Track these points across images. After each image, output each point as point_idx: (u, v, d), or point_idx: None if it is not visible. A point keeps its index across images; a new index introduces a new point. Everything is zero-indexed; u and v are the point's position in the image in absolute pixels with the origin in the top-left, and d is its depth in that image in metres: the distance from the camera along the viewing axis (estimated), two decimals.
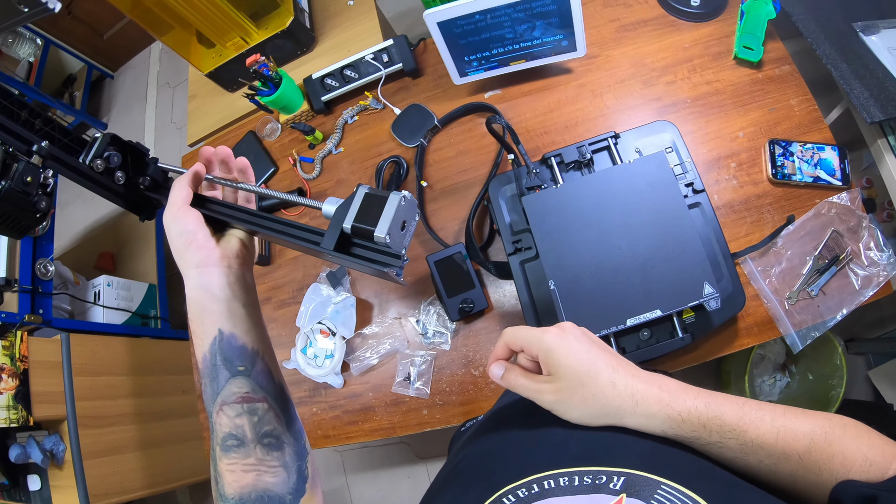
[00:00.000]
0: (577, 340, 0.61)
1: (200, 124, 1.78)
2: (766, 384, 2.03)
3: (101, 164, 0.70)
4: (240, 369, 0.65)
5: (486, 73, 1.40)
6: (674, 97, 1.35)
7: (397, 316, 1.41)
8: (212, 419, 0.65)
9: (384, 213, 0.59)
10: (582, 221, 1.12)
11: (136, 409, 2.35)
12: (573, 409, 0.60)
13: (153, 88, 4.05)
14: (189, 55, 1.76)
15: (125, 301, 2.68)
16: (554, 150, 1.23)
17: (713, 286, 1.04)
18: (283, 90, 1.49)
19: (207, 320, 0.67)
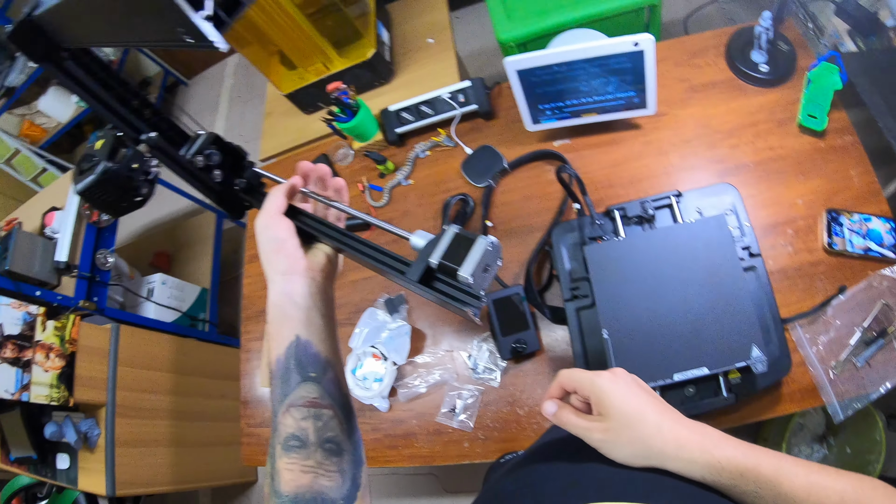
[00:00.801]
0: (627, 386, 0.66)
1: (274, 141, 1.90)
2: (804, 454, 2.02)
3: (201, 160, 0.76)
4: (311, 375, 0.68)
5: (558, 123, 1.47)
6: (737, 160, 1.40)
7: (450, 348, 1.47)
8: (276, 418, 0.66)
9: (470, 255, 0.61)
10: (639, 275, 1.17)
11: (174, 407, 2.43)
12: (619, 448, 0.65)
13: (225, 100, 4.21)
14: (269, 73, 1.88)
15: (177, 301, 2.77)
16: (618, 204, 1.29)
17: (761, 349, 1.08)
18: (360, 118, 1.59)
19: (286, 325, 0.70)
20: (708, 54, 1.56)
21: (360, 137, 1.66)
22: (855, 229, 1.28)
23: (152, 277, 2.74)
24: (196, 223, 3.20)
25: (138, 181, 0.75)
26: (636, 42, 1.24)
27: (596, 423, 0.67)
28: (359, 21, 1.79)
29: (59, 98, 4.06)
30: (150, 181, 0.78)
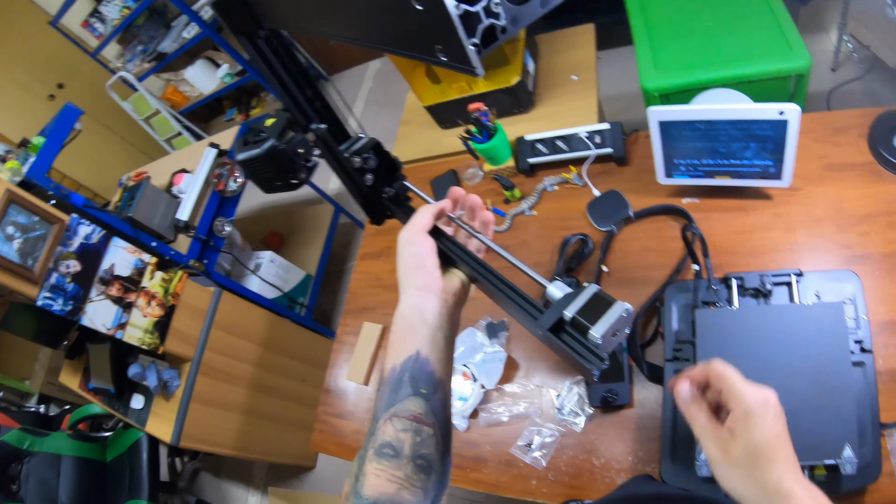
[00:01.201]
0: (773, 420, 0.65)
1: (406, 149, 1.98)
2: None
3: (358, 161, 0.82)
4: (422, 391, 0.69)
5: (690, 181, 1.46)
6: (864, 248, 1.33)
7: (540, 384, 1.47)
8: (376, 423, 0.68)
9: (606, 317, 0.63)
10: (745, 349, 1.15)
11: (254, 378, 2.54)
12: (730, 477, 0.66)
13: (361, 101, 4.39)
14: (413, 83, 1.97)
15: (280, 280, 2.91)
16: (737, 272, 1.27)
17: (854, 450, 1.03)
18: (496, 142, 1.63)
19: (410, 338, 0.72)
20: (850, 133, 1.50)
21: (492, 161, 1.71)
22: None
23: (262, 253, 2.89)
24: (314, 212, 3.35)
25: (298, 165, 0.80)
26: (782, 111, 1.22)
27: (722, 436, 0.68)
28: (508, 47, 1.85)
29: (205, 71, 4.37)
30: (308, 168, 0.82)
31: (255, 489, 3.15)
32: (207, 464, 3.33)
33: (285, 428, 2.70)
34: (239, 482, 3.23)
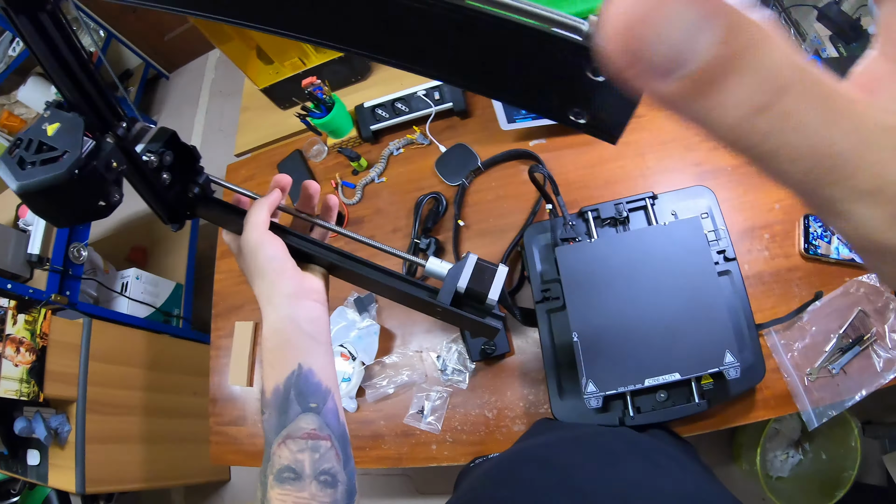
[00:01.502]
0: None
1: (249, 136, 1.84)
2: (779, 459, 2.01)
3: (154, 159, 0.65)
4: (311, 406, 0.64)
5: (533, 122, 1.44)
6: (715, 163, 1.37)
7: (418, 349, 1.43)
8: (270, 449, 0.63)
9: (495, 281, 0.66)
10: (612, 277, 1.14)
11: (146, 403, 2.38)
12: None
13: (206, 94, 4.12)
14: (247, 68, 1.83)
15: (151, 296, 2.72)
16: (592, 205, 1.25)
17: (734, 355, 1.04)
18: (334, 114, 1.54)
19: (290, 353, 0.66)
20: None
21: (335, 134, 1.62)
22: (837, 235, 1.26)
23: (126, 272, 2.69)
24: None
25: (110, 183, 0.60)
26: None
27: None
28: None
29: (38, 89, 3.97)
30: (118, 184, 0.62)
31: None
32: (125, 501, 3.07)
33: (190, 446, 2.55)
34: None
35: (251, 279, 0.70)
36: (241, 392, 1.59)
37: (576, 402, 1.15)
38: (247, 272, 0.71)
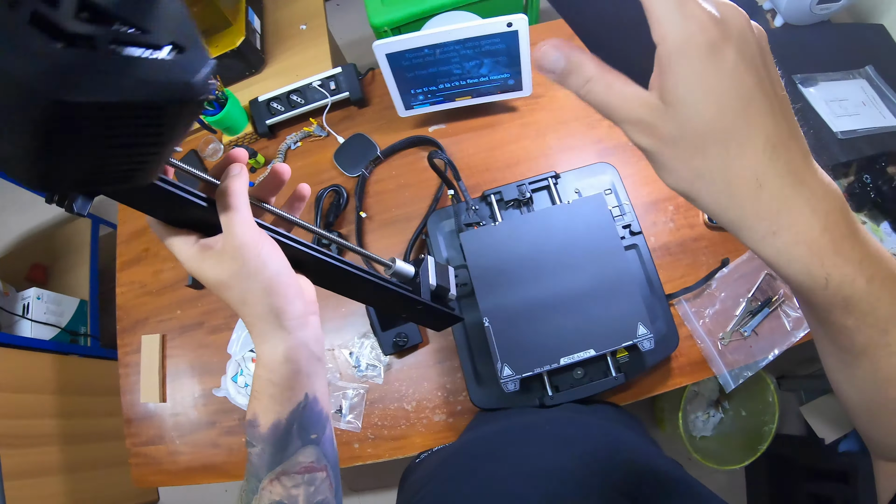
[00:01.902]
0: (740, 59, 0.31)
1: None
2: (700, 420, 2.02)
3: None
4: (312, 438, 0.56)
5: (431, 108, 1.37)
6: (616, 140, 1.35)
7: (330, 347, 1.35)
8: (259, 482, 0.54)
9: (451, 277, 0.75)
10: (519, 259, 1.10)
11: (62, 431, 2.19)
12: (671, 173, 0.36)
13: None
14: None
15: (55, 316, 2.50)
16: (494, 188, 1.21)
17: (647, 327, 1.03)
18: (227, 111, 1.43)
19: (299, 384, 0.55)
20: None
21: (230, 131, 1.50)
22: None
23: (27, 293, 2.44)
24: (70, 230, 2.86)
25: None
26: (509, 23, 1.16)
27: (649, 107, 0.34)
28: (228, 9, 1.62)
29: None
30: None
31: None
32: None
33: (113, 470, 2.36)
34: None
35: (242, 297, 0.52)
36: (155, 409, 1.46)
37: (493, 388, 1.11)
38: (233, 289, 0.51)
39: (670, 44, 0.31)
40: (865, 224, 1.37)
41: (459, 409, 1.24)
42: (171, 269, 1.51)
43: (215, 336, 1.44)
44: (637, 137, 0.36)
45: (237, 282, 0.50)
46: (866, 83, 1.47)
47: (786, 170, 0.33)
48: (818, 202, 0.34)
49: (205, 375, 1.42)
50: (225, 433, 1.37)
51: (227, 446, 1.36)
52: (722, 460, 1.86)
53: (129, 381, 1.51)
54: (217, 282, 0.50)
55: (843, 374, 0.45)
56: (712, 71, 0.31)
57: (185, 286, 1.45)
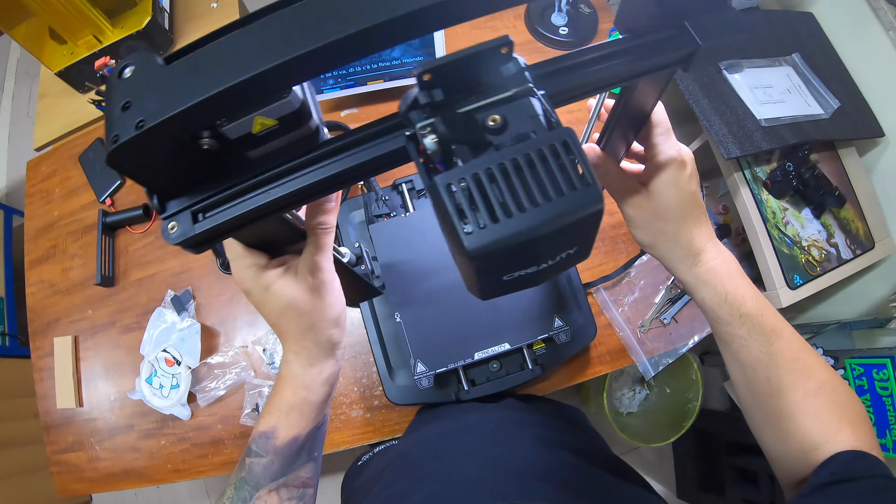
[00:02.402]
0: (691, 179, 0.56)
1: (49, 127, 1.54)
2: (626, 397, 1.99)
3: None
4: (315, 455, 0.59)
5: (342, 92, 1.26)
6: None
7: (243, 344, 1.25)
8: (255, 491, 0.55)
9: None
10: (431, 251, 1.02)
11: None
12: (644, 233, 0.60)
13: (11, 77, 3.44)
14: (41, 51, 1.52)
15: None
16: (405, 177, 1.11)
17: (563, 319, 0.97)
18: None
19: (326, 406, 0.59)
20: (506, 16, 1.42)
21: None
22: None
23: None
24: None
25: None
26: None
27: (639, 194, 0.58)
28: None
29: None
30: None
31: None
32: None
33: (41, 474, 2.16)
34: None
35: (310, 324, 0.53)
36: (72, 414, 1.34)
37: (408, 383, 1.03)
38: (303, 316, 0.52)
39: (662, 158, 0.54)
40: (787, 210, 1.33)
41: (377, 403, 1.17)
42: (79, 266, 1.38)
43: (128, 336, 1.32)
44: (627, 209, 0.60)
45: (310, 310, 0.52)
46: (792, 70, 1.43)
47: (707, 234, 0.58)
48: (720, 252, 0.58)
49: (119, 377, 1.32)
50: (143, 436, 1.27)
51: (146, 450, 1.26)
52: (648, 438, 1.83)
53: (44, 386, 1.39)
54: (289, 302, 0.51)
55: (744, 388, 0.59)
56: (679, 178, 0.55)
57: (95, 284, 1.32)
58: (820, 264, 1.32)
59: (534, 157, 0.32)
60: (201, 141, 0.37)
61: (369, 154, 0.38)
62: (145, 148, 0.32)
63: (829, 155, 1.43)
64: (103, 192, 1.38)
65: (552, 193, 0.31)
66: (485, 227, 0.31)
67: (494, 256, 0.32)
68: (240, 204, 0.38)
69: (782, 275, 1.28)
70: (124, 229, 1.38)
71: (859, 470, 0.50)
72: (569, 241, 0.35)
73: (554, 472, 0.58)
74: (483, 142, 0.34)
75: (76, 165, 1.44)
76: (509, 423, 0.81)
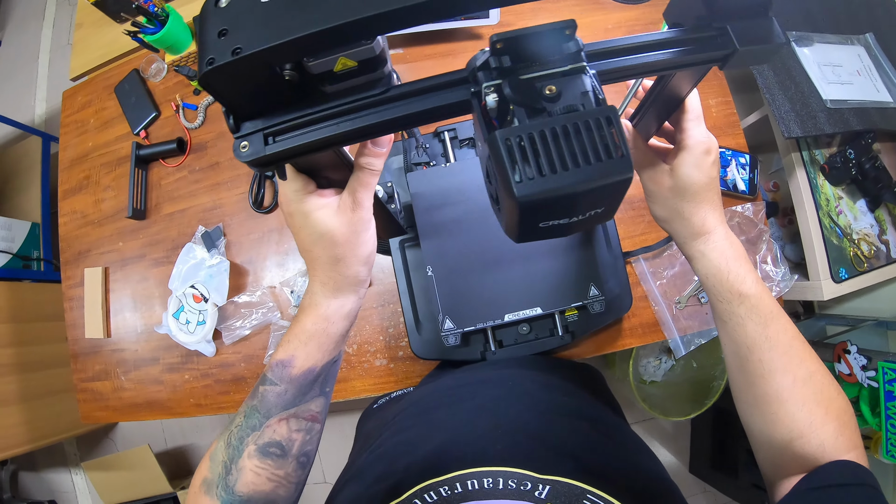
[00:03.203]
0: (713, 165, 0.59)
1: (85, 57, 1.50)
2: (652, 365, 1.94)
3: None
4: (326, 390, 0.61)
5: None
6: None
7: (271, 285, 1.23)
8: (265, 419, 0.56)
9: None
10: (469, 205, 0.96)
11: (15, 360, 2.07)
12: (661, 209, 0.63)
13: (52, 4, 3.38)
14: None
15: (6, 242, 2.31)
16: (448, 124, 1.06)
17: (599, 289, 0.92)
18: (168, 28, 1.25)
19: (344, 340, 0.61)
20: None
21: (173, 49, 1.32)
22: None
23: None
24: (20, 150, 2.62)
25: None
26: None
27: (663, 172, 0.61)
28: None
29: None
30: None
31: (75, 467, 2.72)
32: (21, 463, 2.79)
33: (70, 395, 2.26)
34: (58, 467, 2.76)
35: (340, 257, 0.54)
36: (100, 343, 1.35)
37: (435, 338, 0.99)
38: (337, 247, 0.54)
39: (691, 141, 0.57)
40: (842, 200, 1.25)
41: (401, 354, 1.14)
42: (112, 198, 1.37)
43: (157, 270, 1.31)
44: (648, 184, 0.63)
45: (344, 242, 0.53)
46: (864, 51, 1.33)
47: (719, 218, 0.61)
48: (729, 236, 0.61)
49: (147, 311, 1.32)
50: (167, 370, 1.28)
51: (170, 383, 1.27)
52: (668, 410, 1.79)
53: (74, 315, 1.40)
54: (326, 231, 0.52)
55: (736, 369, 0.61)
56: (703, 162, 0.58)
57: (126, 217, 1.30)
58: (868, 260, 1.26)
59: (580, 126, 0.37)
60: (285, 72, 0.40)
61: (433, 102, 0.42)
62: (236, 73, 0.36)
63: (892, 146, 1.34)
64: (138, 125, 1.35)
65: (592, 158, 0.37)
66: (532, 178, 0.37)
67: (537, 204, 0.38)
68: (310, 132, 0.42)
69: (828, 266, 1.22)
70: (157, 162, 1.35)
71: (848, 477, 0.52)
72: (599, 201, 0.41)
73: (566, 443, 0.56)
74: (538, 107, 0.39)
75: (111, 96, 1.41)
76: (527, 382, 0.78)
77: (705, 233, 0.60)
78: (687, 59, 0.46)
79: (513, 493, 0.47)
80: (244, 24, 0.35)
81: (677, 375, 1.95)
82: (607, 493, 0.47)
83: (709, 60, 0.47)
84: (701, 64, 0.47)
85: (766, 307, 0.58)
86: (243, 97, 0.40)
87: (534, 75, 0.39)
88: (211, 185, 1.30)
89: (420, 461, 0.55)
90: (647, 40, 0.45)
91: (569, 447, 0.55)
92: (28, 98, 3.11)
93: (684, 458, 2.17)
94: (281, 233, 1.24)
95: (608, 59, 0.45)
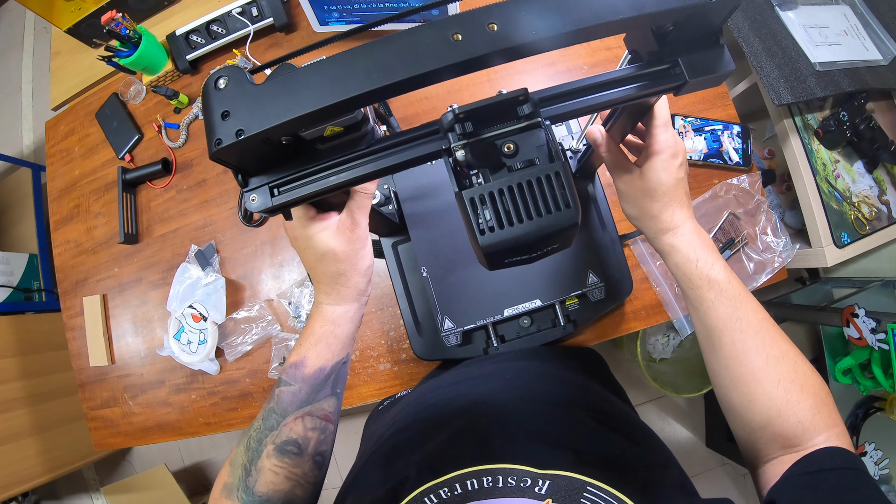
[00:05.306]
0: (680, 167, 0.62)
1: (64, 85, 1.47)
2: (660, 343, 1.91)
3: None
4: (338, 391, 0.64)
5: (346, 26, 1.16)
6: (569, 62, 1.16)
7: (269, 298, 1.21)
8: (282, 419, 0.60)
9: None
10: (454, 202, 0.92)
11: (26, 392, 2.06)
12: (632, 207, 0.67)
13: (30, 34, 3.36)
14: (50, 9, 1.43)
15: (5, 276, 2.29)
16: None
17: (597, 275, 0.90)
18: (143, 49, 1.23)
19: (350, 343, 0.65)
20: None
21: (149, 70, 1.29)
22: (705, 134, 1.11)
23: None
24: (11, 183, 2.61)
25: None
26: None
27: (632, 173, 0.65)
28: None
29: None
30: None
31: (95, 492, 2.71)
32: (42, 493, 2.75)
33: (84, 422, 2.21)
34: (78, 494, 2.74)
35: (341, 271, 0.60)
36: (105, 370, 1.34)
37: (436, 339, 0.97)
38: (339, 263, 0.60)
39: (659, 146, 0.61)
40: (839, 163, 1.22)
41: (404, 357, 1.12)
42: (103, 224, 1.35)
43: (155, 292, 1.29)
44: (620, 184, 0.67)
45: (345, 258, 0.59)
46: (850, 10, 1.29)
47: (687, 214, 0.64)
48: (697, 228, 0.64)
49: (148, 333, 1.30)
50: (174, 391, 1.26)
51: (178, 404, 1.25)
52: (679, 387, 1.76)
53: (77, 345, 1.39)
54: (328, 250, 0.58)
55: (710, 353, 0.63)
56: (670, 165, 0.61)
57: (118, 243, 1.28)
58: (870, 222, 1.23)
59: (533, 182, 0.44)
60: (282, 139, 0.47)
61: (411, 154, 0.50)
62: (241, 148, 0.43)
63: (886, 105, 1.31)
64: (122, 149, 1.32)
65: (543, 211, 0.44)
66: (493, 230, 0.44)
67: (500, 250, 0.45)
68: (309, 184, 0.50)
69: (830, 232, 1.20)
70: (145, 185, 1.32)
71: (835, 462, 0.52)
72: (553, 242, 0.47)
73: (566, 435, 0.56)
74: (499, 162, 0.46)
75: (94, 122, 1.39)
76: (525, 374, 0.78)
77: (674, 227, 0.63)
78: (641, 93, 0.50)
79: (513, 490, 0.47)
80: (243, 106, 0.42)
81: (687, 350, 1.93)
82: (609, 484, 0.46)
83: (662, 92, 0.51)
84: (655, 94, 0.51)
85: (735, 290, 0.60)
86: (248, 162, 0.48)
87: (494, 133, 0.45)
88: (200, 203, 1.28)
89: (419, 462, 0.54)
90: (603, 80, 0.49)
91: (568, 439, 0.55)
92: (14, 129, 3.10)
93: (700, 433, 2.14)
94: (273, 245, 1.21)
95: (566, 100, 0.49)
